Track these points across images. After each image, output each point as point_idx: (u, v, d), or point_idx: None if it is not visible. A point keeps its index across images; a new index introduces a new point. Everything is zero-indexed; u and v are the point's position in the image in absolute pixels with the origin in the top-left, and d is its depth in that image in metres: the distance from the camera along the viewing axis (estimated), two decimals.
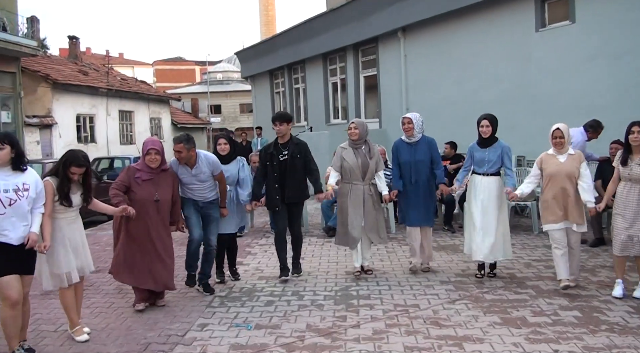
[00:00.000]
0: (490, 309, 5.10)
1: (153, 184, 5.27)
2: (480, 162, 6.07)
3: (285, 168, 6.15)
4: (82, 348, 4.52)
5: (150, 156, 5.25)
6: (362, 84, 16.36)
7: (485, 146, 6.09)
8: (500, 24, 11.18)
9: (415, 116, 6.33)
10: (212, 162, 5.77)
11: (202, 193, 5.78)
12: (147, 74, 55.11)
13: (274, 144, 6.29)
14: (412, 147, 6.31)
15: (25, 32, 19.26)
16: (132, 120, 28.64)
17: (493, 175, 6.02)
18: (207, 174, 5.71)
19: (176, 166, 5.68)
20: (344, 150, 6.29)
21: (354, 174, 6.20)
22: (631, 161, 5.24)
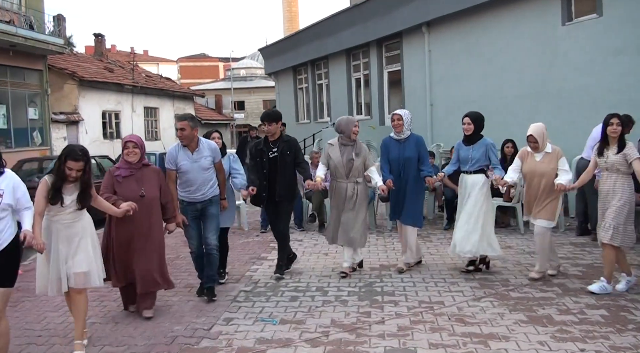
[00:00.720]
0: (515, 307, 5.06)
1: (135, 180, 4.97)
2: (465, 159, 6.15)
3: (275, 165, 6.13)
4: (110, 340, 4.60)
5: (128, 149, 4.96)
6: (386, 79, 16.29)
7: (469, 143, 6.16)
8: (526, 18, 11.04)
9: (405, 113, 6.35)
10: (214, 148, 5.65)
11: (202, 189, 5.52)
12: (172, 71, 55.62)
13: (264, 141, 6.25)
14: (401, 144, 6.31)
15: (52, 30, 19.59)
16: (157, 117, 28.98)
17: (476, 173, 6.09)
18: (209, 160, 5.52)
19: (175, 152, 5.48)
20: (331, 147, 6.28)
21: (338, 172, 6.20)
22: (607, 151, 5.43)
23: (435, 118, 13.76)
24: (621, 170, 5.33)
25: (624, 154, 5.30)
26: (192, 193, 5.53)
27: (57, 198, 4.20)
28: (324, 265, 6.78)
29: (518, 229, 8.35)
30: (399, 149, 6.29)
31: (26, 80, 19.34)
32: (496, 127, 10.67)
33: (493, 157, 6.11)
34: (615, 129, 5.36)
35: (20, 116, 18.92)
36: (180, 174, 5.50)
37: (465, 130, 6.17)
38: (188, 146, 5.46)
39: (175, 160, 5.49)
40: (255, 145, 6.33)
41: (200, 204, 5.57)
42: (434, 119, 13.77)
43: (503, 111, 11.41)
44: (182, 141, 5.45)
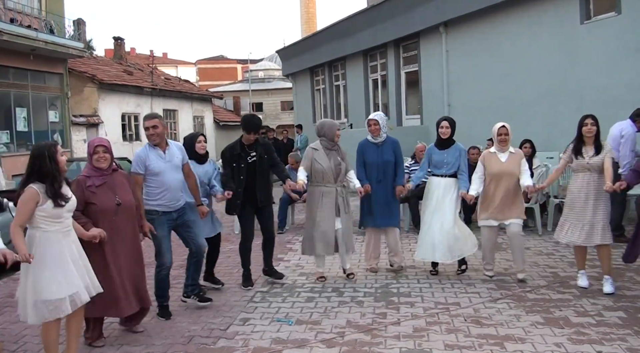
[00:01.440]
0: (532, 309, 5.03)
1: (109, 188, 4.49)
2: (439, 163, 6.14)
3: (254, 170, 5.91)
4: (128, 340, 4.67)
5: (99, 154, 4.46)
6: (403, 80, 16.25)
7: (443, 148, 6.17)
8: (544, 17, 10.94)
9: (381, 116, 6.36)
10: (181, 147, 5.37)
11: (177, 194, 5.15)
12: (190, 73, 56.04)
13: (239, 145, 5.96)
14: (378, 148, 6.31)
15: (72, 34, 19.88)
16: (176, 119, 29.25)
17: (451, 177, 6.12)
18: (179, 159, 5.18)
19: (145, 154, 5.05)
20: (315, 151, 6.11)
21: (326, 176, 6.03)
22: (585, 152, 5.50)
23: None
24: (600, 170, 5.44)
25: (605, 154, 5.44)
26: (168, 199, 5.09)
27: (61, 197, 3.90)
28: (340, 266, 6.77)
29: (536, 230, 8.28)
30: (377, 152, 6.30)
31: (47, 84, 19.66)
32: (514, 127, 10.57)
33: (462, 164, 6.15)
34: (590, 128, 5.47)
35: (41, 119, 19.23)
36: (153, 177, 5.03)
37: (443, 134, 6.16)
38: (159, 145, 5.10)
39: (144, 163, 5.02)
40: (230, 150, 5.99)
41: (176, 213, 5.17)
42: None
43: (522, 111, 11.33)
44: (154, 140, 5.07)
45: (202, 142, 5.91)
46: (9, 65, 17.41)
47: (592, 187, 5.46)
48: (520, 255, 5.96)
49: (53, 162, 3.88)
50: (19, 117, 18.36)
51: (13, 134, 18.07)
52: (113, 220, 4.44)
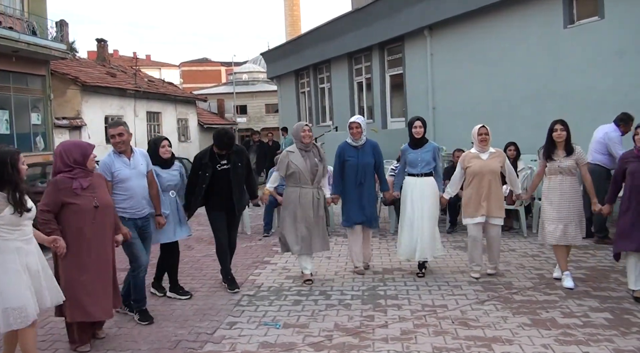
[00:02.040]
0: (519, 310, 5.05)
1: (90, 190, 4.45)
2: (414, 162, 6.23)
3: (227, 178, 5.89)
4: (114, 345, 4.61)
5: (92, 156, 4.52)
6: (388, 83, 16.31)
7: (417, 147, 6.26)
8: (528, 21, 11.05)
9: (362, 120, 6.46)
10: (145, 154, 5.34)
11: (142, 202, 5.14)
12: (174, 76, 55.72)
13: (209, 154, 5.94)
14: (358, 150, 6.38)
15: (55, 36, 19.64)
16: (160, 121, 29.01)
17: (427, 176, 6.21)
18: (144, 166, 5.19)
19: (111, 161, 5.02)
20: (291, 154, 6.14)
21: (302, 178, 6.07)
22: (557, 156, 5.72)
23: (437, 122, 13.76)
24: (572, 173, 5.72)
25: (576, 158, 5.68)
26: (134, 206, 5.09)
27: (22, 204, 3.79)
28: (327, 269, 6.77)
29: (521, 232, 8.33)
30: (356, 154, 6.36)
31: (29, 86, 19.39)
32: (500, 130, 10.67)
33: (438, 162, 6.33)
34: (560, 134, 5.68)
35: (23, 121, 18.96)
36: (118, 183, 5.02)
37: (417, 134, 6.25)
38: (124, 153, 5.09)
39: (110, 170, 5.01)
40: (200, 158, 5.94)
41: (140, 221, 5.16)
42: (436, 122, 13.77)
43: (508, 114, 11.41)
44: (119, 147, 5.06)
45: (166, 146, 5.76)
46: None
47: (565, 188, 5.69)
48: (497, 253, 6.24)
49: (15, 170, 3.79)
50: (0, 119, 18.09)
51: None
52: (91, 221, 4.38)
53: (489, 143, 6.11)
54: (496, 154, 6.14)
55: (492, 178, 6.02)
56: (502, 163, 6.11)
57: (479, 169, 6.03)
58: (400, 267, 6.68)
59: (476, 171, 6.05)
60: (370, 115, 17.25)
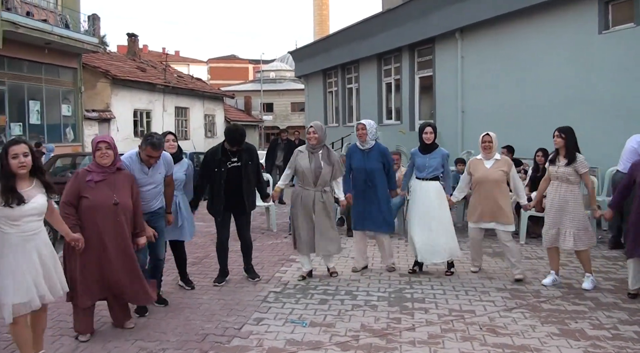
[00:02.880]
0: (548, 319, 4.99)
1: (108, 186, 4.49)
2: (422, 167, 6.34)
3: (237, 175, 5.91)
4: (142, 335, 4.67)
5: (101, 151, 4.49)
6: (417, 85, 16.23)
7: (426, 152, 6.35)
8: (561, 25, 10.89)
9: (370, 123, 6.40)
10: (169, 161, 5.32)
11: (148, 202, 5.10)
12: (202, 72, 56.20)
13: (221, 150, 5.95)
14: (364, 154, 6.37)
15: (87, 29, 19.96)
16: (187, 117, 29.31)
17: (433, 180, 6.31)
18: (162, 175, 5.21)
19: (130, 164, 4.98)
20: (300, 153, 6.20)
21: (306, 179, 6.10)
22: (558, 162, 5.88)
23: (466, 125, 13.66)
24: (570, 180, 5.80)
25: (575, 167, 5.77)
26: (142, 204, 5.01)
27: (13, 196, 3.70)
28: (353, 269, 6.76)
29: None
30: (363, 158, 6.36)
31: (60, 78, 19.75)
32: (528, 135, 10.57)
33: (447, 167, 6.42)
34: (556, 140, 5.86)
35: (54, 112, 19.31)
36: None
37: (427, 139, 6.34)
38: (146, 162, 5.04)
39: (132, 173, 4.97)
40: (212, 154, 5.98)
41: (147, 215, 5.08)
42: (465, 126, 13.67)
43: (536, 120, 11.27)
44: (150, 163, 5.03)
45: (171, 141, 5.74)
46: (23, 58, 17.50)
47: (559, 195, 5.85)
48: (515, 258, 6.24)
49: (5, 162, 3.75)
50: (32, 109, 18.44)
51: (26, 126, 18.15)
52: (105, 218, 4.43)
53: (493, 150, 6.22)
54: (501, 161, 6.23)
55: (495, 187, 6.12)
56: (507, 171, 6.17)
57: (481, 177, 6.18)
58: (427, 270, 6.64)
59: (479, 179, 6.20)
60: (398, 117, 17.19)
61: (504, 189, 6.19)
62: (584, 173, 5.82)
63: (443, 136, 13.51)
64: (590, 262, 6.01)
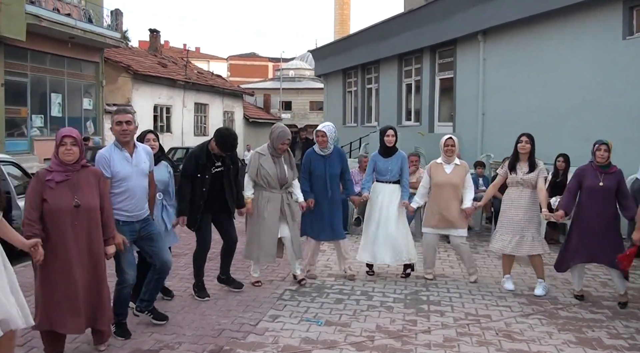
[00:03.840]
0: (564, 327, 4.94)
1: (70, 186, 3.91)
2: (384, 170, 6.32)
3: (219, 182, 5.51)
4: (159, 328, 4.72)
5: (65, 147, 3.90)
6: (438, 86, 16.14)
7: (388, 155, 6.33)
8: (585, 30, 10.76)
9: (330, 129, 6.22)
10: (149, 151, 4.70)
11: (141, 203, 4.53)
12: (222, 69, 56.48)
13: (205, 154, 5.46)
14: (325, 159, 6.21)
15: (109, 24, 20.19)
16: (207, 113, 29.48)
17: (394, 183, 6.32)
18: (147, 165, 4.57)
19: (109, 154, 4.38)
20: (262, 156, 5.86)
21: (271, 182, 5.83)
22: (519, 168, 5.87)
23: (486, 128, 13.55)
24: (532, 185, 5.85)
25: (538, 172, 5.82)
26: (132, 209, 4.45)
27: None
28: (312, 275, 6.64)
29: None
30: (324, 164, 6.20)
31: (82, 71, 20.00)
32: (548, 140, 10.44)
33: (405, 170, 6.40)
34: (524, 146, 5.84)
35: (75, 105, 19.57)
36: (117, 182, 4.38)
37: (389, 142, 6.32)
38: (126, 146, 4.46)
39: (109, 165, 4.35)
40: (196, 158, 5.41)
41: (138, 224, 4.53)
42: (485, 129, 13.56)
43: (557, 125, 11.15)
44: (125, 137, 4.40)
45: (151, 140, 5.27)
46: (46, 52, 17.75)
47: (524, 201, 5.85)
48: (469, 262, 6.38)
49: None
50: (54, 102, 18.70)
51: (47, 119, 18.42)
52: (69, 224, 3.87)
53: (454, 154, 6.23)
54: (460, 166, 6.24)
55: (453, 192, 6.13)
56: (464, 175, 6.20)
57: (441, 182, 6.18)
58: (443, 273, 6.62)
59: (438, 183, 6.20)
60: (417, 118, 17.11)
61: (460, 194, 6.19)
62: (541, 178, 5.87)
63: (462, 139, 13.42)
64: (543, 267, 6.03)
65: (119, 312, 4.51)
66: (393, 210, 6.25)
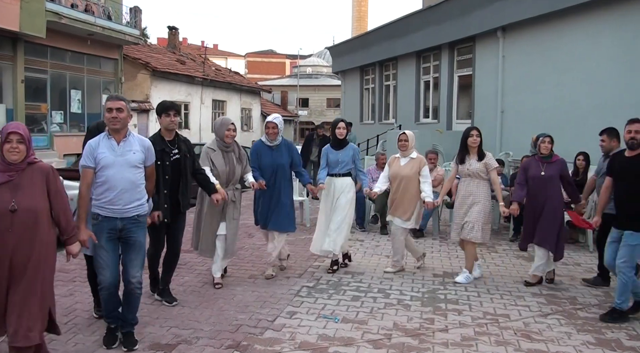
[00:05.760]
0: (583, 327, 4.88)
1: (10, 188, 3.50)
2: (334, 163, 6.47)
3: (176, 170, 5.04)
4: (177, 322, 4.76)
5: (11, 144, 3.51)
6: (456, 83, 16.03)
7: (339, 148, 6.49)
8: (606, 26, 10.60)
9: (280, 120, 6.22)
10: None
11: (125, 198, 4.10)
12: (239, 65, 56.64)
13: (159, 139, 5.00)
14: (273, 151, 6.17)
15: (129, 21, 20.34)
16: (224, 110, 29.60)
17: (345, 176, 6.48)
18: (138, 157, 4.18)
19: (97, 143, 4.12)
20: (212, 151, 5.71)
21: (220, 179, 5.61)
22: (468, 159, 6.17)
23: (505, 125, 13.44)
24: (481, 176, 6.14)
25: (485, 162, 6.11)
26: (111, 202, 4.08)
27: None
28: (386, 267, 6.74)
29: (587, 246, 8.05)
30: (271, 155, 6.17)
31: (102, 68, 20.19)
32: (568, 137, 10.32)
33: (358, 162, 6.57)
34: (475, 139, 6.14)
35: (94, 102, 19.75)
36: (99, 172, 4.09)
37: (340, 135, 6.48)
38: (116, 135, 4.15)
39: (94, 154, 4.09)
40: (153, 144, 4.57)
41: (120, 222, 4.11)
42: (504, 126, 13.45)
43: (577, 122, 11.02)
44: (115, 125, 4.09)
45: None
46: (66, 48, 17.94)
47: (472, 189, 6.16)
48: (396, 252, 6.52)
49: None
50: (73, 98, 18.90)
51: (67, 115, 18.62)
52: (5, 231, 3.47)
53: (408, 149, 6.39)
54: (416, 159, 6.39)
55: (407, 183, 6.30)
56: (419, 169, 6.32)
57: (395, 173, 6.41)
58: (461, 271, 6.57)
59: (392, 174, 6.44)
60: (435, 116, 17.02)
61: (413, 187, 6.31)
62: (493, 169, 6.16)
63: None
64: (473, 259, 6.25)
65: (106, 314, 4.29)
66: (342, 202, 6.40)
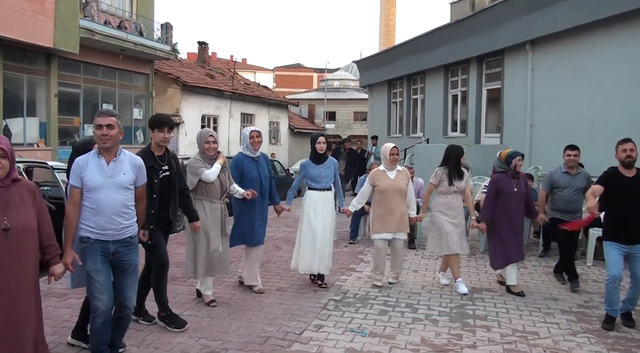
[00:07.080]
0: (614, 347, 4.79)
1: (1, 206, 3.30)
2: (317, 177, 6.39)
3: (168, 187, 4.87)
4: (206, 333, 4.81)
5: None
6: (485, 97, 15.93)
7: (319, 162, 6.43)
8: (636, 39, 10.44)
9: (261, 131, 6.27)
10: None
11: (115, 222, 3.90)
12: (268, 79, 57.12)
13: (149, 155, 4.78)
14: (256, 162, 6.09)
15: (160, 37, 20.76)
16: (253, 123, 29.83)
17: (328, 190, 6.44)
18: (128, 178, 3.97)
19: (85, 163, 3.90)
20: (201, 165, 5.47)
21: (212, 192, 5.47)
22: (455, 178, 6.42)
23: (534, 139, 13.29)
24: (463, 192, 6.49)
25: (466, 179, 6.48)
26: (101, 227, 3.87)
27: None
28: (414, 282, 6.73)
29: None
30: (256, 166, 6.05)
31: (133, 83, 20.60)
32: (599, 152, 10.16)
33: (337, 177, 6.56)
34: (463, 161, 6.67)
35: (126, 115, 20.13)
36: (86, 193, 3.88)
37: (320, 149, 6.41)
38: (106, 153, 3.93)
39: (81, 174, 3.88)
40: (144, 161, 4.33)
41: (113, 245, 3.92)
42: (533, 140, 13.30)
43: (608, 137, 10.78)
44: (105, 143, 3.88)
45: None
46: (99, 64, 18.36)
47: (457, 204, 6.45)
48: (400, 263, 6.68)
49: None
50: None
51: None
52: None
53: (397, 162, 6.46)
54: (403, 172, 6.46)
55: (398, 196, 6.34)
56: (406, 181, 6.44)
57: (387, 187, 6.34)
58: (489, 287, 6.53)
59: (384, 189, 6.35)
60: (463, 129, 16.93)
61: (404, 199, 6.40)
62: (467, 185, 6.55)
63: None
64: (458, 267, 6.50)
65: (95, 348, 3.99)
66: (328, 219, 6.35)
